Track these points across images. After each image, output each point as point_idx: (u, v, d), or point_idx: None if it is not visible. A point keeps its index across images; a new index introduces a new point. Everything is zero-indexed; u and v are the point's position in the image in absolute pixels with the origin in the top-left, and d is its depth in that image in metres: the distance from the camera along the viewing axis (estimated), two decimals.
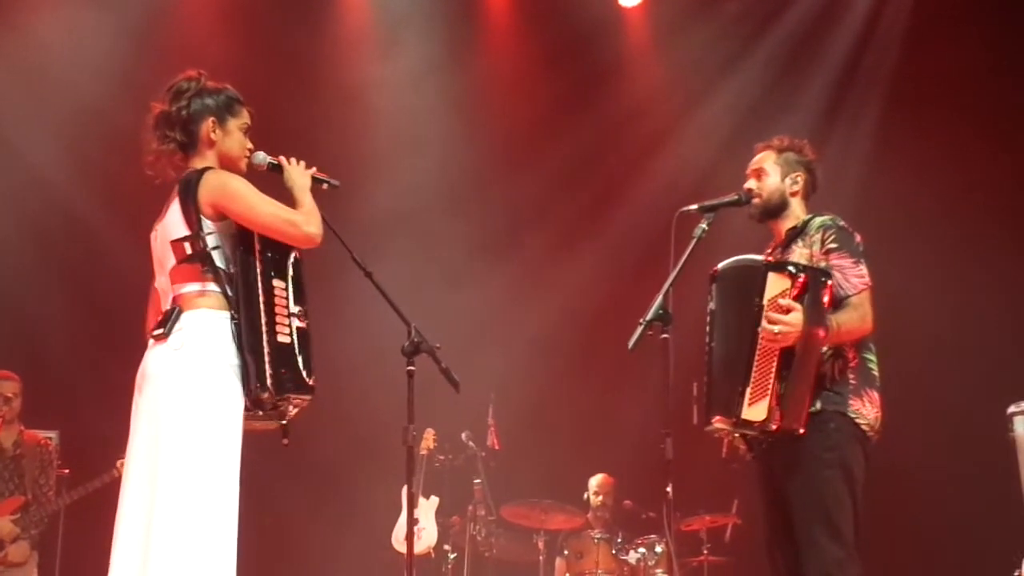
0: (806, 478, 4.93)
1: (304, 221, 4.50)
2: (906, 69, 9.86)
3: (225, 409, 4.36)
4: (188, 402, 4.31)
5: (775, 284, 4.93)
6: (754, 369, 4.89)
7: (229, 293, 4.45)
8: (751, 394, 4.87)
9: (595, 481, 9.73)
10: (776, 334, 4.83)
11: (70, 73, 9.36)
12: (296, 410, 4.61)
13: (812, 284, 4.90)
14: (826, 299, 4.92)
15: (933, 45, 9.64)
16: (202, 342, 4.38)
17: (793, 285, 4.89)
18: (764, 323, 4.86)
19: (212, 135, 4.62)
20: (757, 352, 4.89)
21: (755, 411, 4.87)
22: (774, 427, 4.86)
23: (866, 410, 5.00)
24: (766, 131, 5.60)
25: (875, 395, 5.05)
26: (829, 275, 4.99)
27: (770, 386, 4.85)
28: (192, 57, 7.96)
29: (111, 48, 9.40)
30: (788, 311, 4.85)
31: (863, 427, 4.99)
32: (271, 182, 4.88)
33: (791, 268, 4.96)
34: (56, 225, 9.58)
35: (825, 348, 4.98)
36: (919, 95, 9.66)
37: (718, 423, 5.03)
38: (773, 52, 10.27)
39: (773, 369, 4.86)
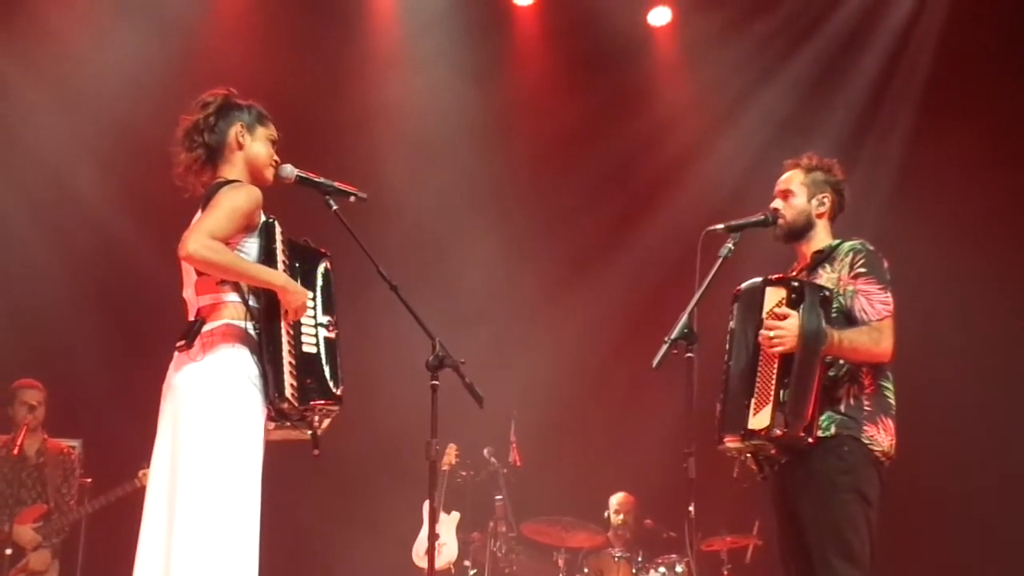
0: (820, 502, 4.93)
1: (194, 239, 4.30)
2: (934, 92, 9.83)
3: (244, 420, 4.37)
4: (207, 413, 4.33)
5: (772, 296, 4.98)
6: (757, 379, 4.93)
7: (251, 303, 4.47)
8: (755, 403, 4.90)
9: (616, 499, 9.71)
10: (772, 339, 4.87)
11: (101, 89, 9.39)
12: (327, 420, 4.63)
13: (809, 292, 4.94)
14: (826, 309, 4.94)
15: (961, 69, 9.63)
16: (223, 353, 4.40)
17: (788, 294, 4.94)
18: (762, 332, 4.91)
19: (240, 139, 4.66)
20: (759, 362, 4.93)
21: (759, 419, 4.88)
22: (779, 433, 4.85)
23: (880, 437, 4.98)
24: (793, 152, 5.59)
25: (890, 423, 5.03)
26: (828, 289, 5.01)
27: (772, 393, 4.87)
28: (223, 71, 8.05)
29: (143, 64, 9.43)
30: (784, 317, 4.88)
31: (876, 453, 4.97)
32: (299, 196, 4.91)
33: (787, 280, 5.02)
34: (82, 236, 9.62)
35: (841, 371, 5.01)
36: (947, 118, 9.62)
37: (729, 442, 5.05)
38: (801, 73, 10.26)
39: (774, 376, 4.88)
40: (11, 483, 7.91)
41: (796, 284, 4.98)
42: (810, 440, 4.86)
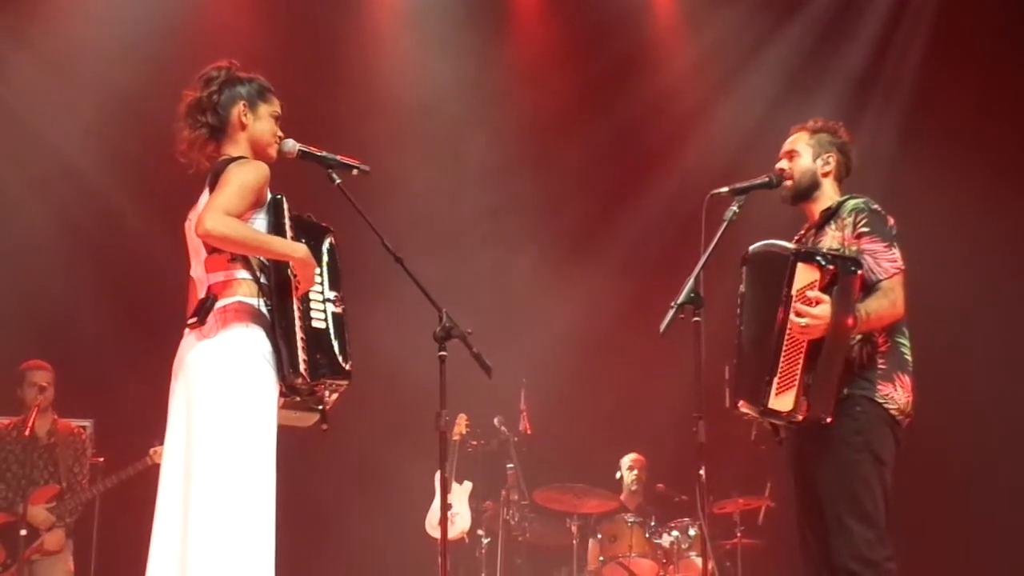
0: (833, 462, 4.92)
1: (210, 217, 4.27)
2: (940, 44, 9.79)
3: (258, 396, 4.37)
4: (221, 390, 4.33)
5: (804, 275, 4.89)
6: (782, 359, 4.87)
7: (262, 280, 4.46)
8: (778, 384, 4.86)
9: (628, 458, 9.74)
10: (804, 327, 4.82)
11: (101, 63, 9.39)
12: (335, 396, 4.64)
13: (841, 275, 4.87)
14: (856, 289, 4.89)
15: (962, 27, 9.59)
16: (235, 330, 4.39)
17: (822, 277, 4.87)
18: (792, 315, 4.84)
19: (243, 118, 4.63)
20: (785, 342, 4.87)
21: (782, 401, 4.85)
22: (800, 417, 4.86)
23: (897, 394, 4.96)
24: (796, 113, 5.59)
25: (907, 379, 5.01)
26: (860, 264, 4.95)
27: (798, 377, 4.83)
28: (223, 46, 8.02)
29: (141, 37, 9.42)
30: (817, 303, 4.82)
31: (892, 411, 4.95)
32: (301, 170, 4.90)
33: (820, 259, 4.91)
34: (88, 214, 9.62)
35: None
36: (953, 69, 9.59)
37: (744, 408, 5.05)
38: (803, 33, 10.21)
39: (801, 361, 4.84)
40: (23, 464, 7.93)
41: (830, 267, 4.87)
42: (828, 420, 4.85)
